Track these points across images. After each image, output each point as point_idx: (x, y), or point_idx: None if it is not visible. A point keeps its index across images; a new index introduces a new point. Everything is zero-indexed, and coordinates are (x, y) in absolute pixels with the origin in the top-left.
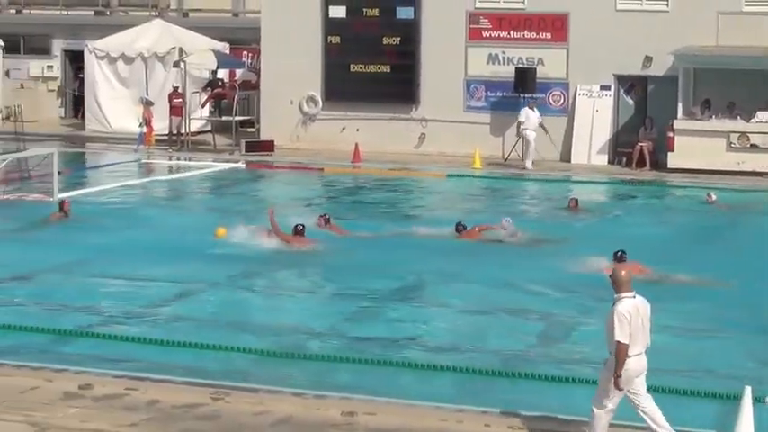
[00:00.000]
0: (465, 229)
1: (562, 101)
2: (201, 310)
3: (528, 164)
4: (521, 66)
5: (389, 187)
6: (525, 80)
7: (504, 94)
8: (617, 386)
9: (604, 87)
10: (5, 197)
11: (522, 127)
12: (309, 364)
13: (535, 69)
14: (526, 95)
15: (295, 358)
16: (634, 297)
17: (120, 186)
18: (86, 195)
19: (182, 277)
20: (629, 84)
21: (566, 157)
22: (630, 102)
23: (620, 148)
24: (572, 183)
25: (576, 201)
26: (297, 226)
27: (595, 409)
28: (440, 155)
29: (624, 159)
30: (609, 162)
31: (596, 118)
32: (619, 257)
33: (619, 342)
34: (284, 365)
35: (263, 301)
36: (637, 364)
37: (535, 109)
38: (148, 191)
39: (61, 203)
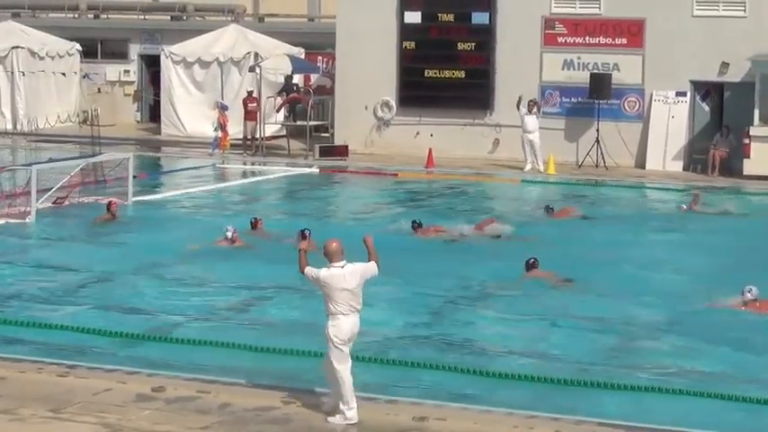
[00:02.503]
0: (420, 226)
1: (637, 107)
2: (272, 314)
3: (528, 167)
4: (596, 71)
5: (463, 192)
6: (600, 86)
7: (579, 99)
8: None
9: (680, 93)
10: (81, 200)
11: (523, 132)
12: (381, 368)
13: (610, 75)
14: (600, 101)
15: (367, 362)
16: (341, 267)
17: (193, 190)
18: (160, 199)
19: (250, 281)
20: (705, 90)
21: (640, 163)
22: (706, 108)
23: (696, 154)
24: (647, 189)
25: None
26: (303, 231)
27: None
28: (514, 160)
29: (699, 166)
30: (684, 168)
31: (671, 124)
32: (531, 264)
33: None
34: (356, 370)
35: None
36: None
37: (534, 111)
38: (221, 195)
39: (109, 204)
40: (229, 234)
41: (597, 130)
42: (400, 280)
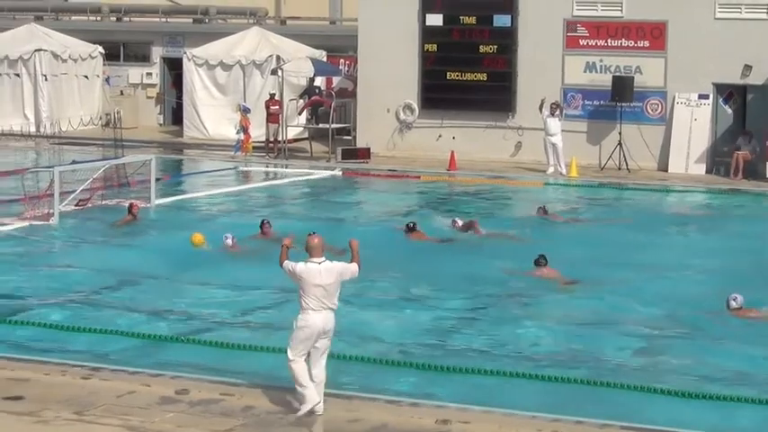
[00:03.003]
0: (413, 230)
1: (660, 109)
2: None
3: (551, 170)
4: (618, 74)
5: (486, 195)
6: (623, 89)
7: (602, 102)
8: None
9: (703, 96)
10: (104, 203)
11: (546, 135)
12: (404, 371)
13: (633, 78)
14: (623, 104)
15: (390, 366)
16: (318, 263)
17: (215, 193)
18: (183, 201)
19: (274, 284)
20: (728, 92)
21: (663, 166)
22: (729, 111)
23: (719, 157)
24: (669, 192)
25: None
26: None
27: None
28: (536, 163)
29: (722, 168)
30: (707, 171)
31: (694, 127)
32: (537, 262)
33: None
34: (379, 373)
35: (355, 309)
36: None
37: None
38: (243, 197)
39: (130, 206)
40: (229, 242)
41: (619, 133)
42: (418, 282)
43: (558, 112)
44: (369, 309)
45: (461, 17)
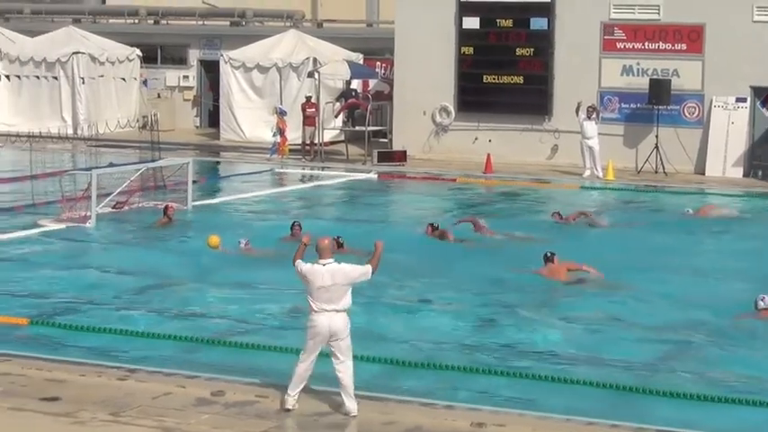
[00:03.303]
0: (437, 229)
1: (697, 113)
2: None
3: (587, 173)
4: (655, 77)
5: (522, 198)
6: (660, 92)
7: (639, 105)
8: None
9: (740, 99)
10: (140, 205)
11: (582, 138)
12: (439, 374)
13: (670, 81)
14: (660, 107)
15: (424, 368)
16: (323, 265)
17: (251, 195)
18: (219, 204)
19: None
20: (766, 95)
21: (700, 169)
22: (766, 114)
23: (756, 160)
24: (705, 195)
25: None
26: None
27: None
28: (572, 166)
29: (760, 172)
30: (744, 175)
31: (732, 130)
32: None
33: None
34: (413, 375)
35: (390, 311)
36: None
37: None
38: (279, 200)
39: (165, 208)
40: (242, 246)
41: (656, 136)
42: (452, 284)
43: (594, 116)
44: (405, 311)
45: (498, 20)
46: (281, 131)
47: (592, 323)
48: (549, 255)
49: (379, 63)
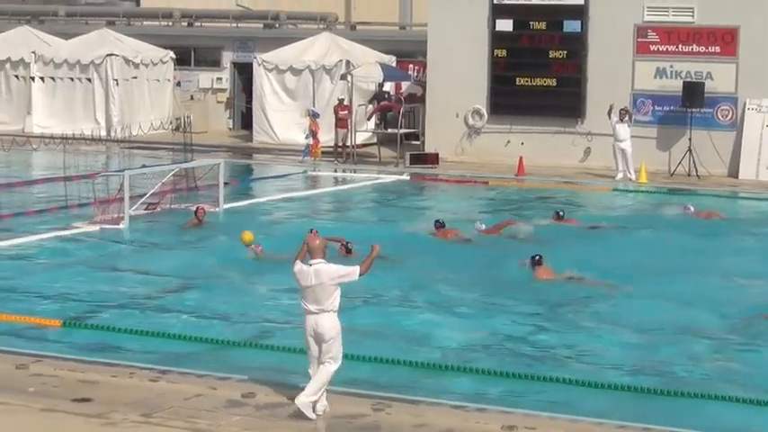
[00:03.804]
0: (443, 227)
1: (731, 115)
2: (362, 321)
3: (620, 175)
4: (689, 80)
5: (554, 201)
6: (693, 94)
7: (672, 108)
8: None
9: None
10: (173, 206)
11: (615, 140)
12: (471, 377)
13: (703, 83)
14: (693, 110)
15: (456, 371)
16: (311, 265)
17: (283, 197)
18: (251, 206)
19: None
20: None
21: (733, 172)
22: None
23: None
24: (738, 198)
25: None
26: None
27: None
28: (605, 169)
29: None
30: None
31: (765, 133)
32: (537, 261)
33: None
34: (445, 378)
35: (423, 314)
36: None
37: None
38: (311, 202)
39: (196, 210)
40: (257, 250)
41: (689, 139)
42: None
43: (626, 118)
44: (435, 313)
45: (531, 22)
46: (313, 134)
47: (622, 327)
48: (537, 258)
49: (411, 65)
